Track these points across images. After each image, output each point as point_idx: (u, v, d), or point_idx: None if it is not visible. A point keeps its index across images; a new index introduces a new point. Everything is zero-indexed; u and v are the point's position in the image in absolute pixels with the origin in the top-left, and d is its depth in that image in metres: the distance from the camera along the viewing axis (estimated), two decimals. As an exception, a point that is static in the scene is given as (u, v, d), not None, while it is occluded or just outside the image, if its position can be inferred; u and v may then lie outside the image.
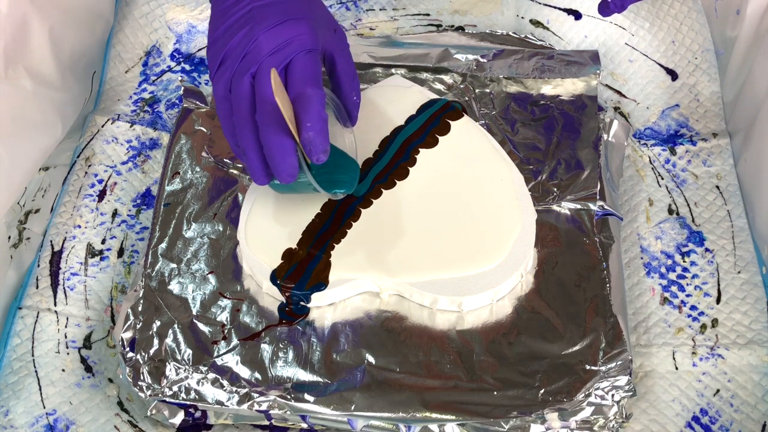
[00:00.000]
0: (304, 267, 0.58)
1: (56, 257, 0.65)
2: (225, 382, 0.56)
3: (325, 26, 0.57)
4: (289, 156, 0.50)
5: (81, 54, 0.71)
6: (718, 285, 0.63)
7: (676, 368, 0.60)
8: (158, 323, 0.58)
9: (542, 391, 0.55)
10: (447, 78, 0.70)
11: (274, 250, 0.59)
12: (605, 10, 0.62)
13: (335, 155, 0.58)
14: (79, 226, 0.67)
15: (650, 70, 0.74)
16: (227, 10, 0.55)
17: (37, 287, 0.63)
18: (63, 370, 0.60)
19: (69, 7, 0.69)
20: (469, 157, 0.63)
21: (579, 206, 0.63)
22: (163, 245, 0.62)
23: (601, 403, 0.55)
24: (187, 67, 0.76)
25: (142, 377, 0.56)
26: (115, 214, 0.68)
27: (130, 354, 0.57)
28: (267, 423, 0.58)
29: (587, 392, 0.55)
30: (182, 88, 0.70)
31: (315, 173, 0.54)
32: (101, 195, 0.68)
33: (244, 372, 0.56)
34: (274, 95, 0.48)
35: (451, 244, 0.59)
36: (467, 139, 0.65)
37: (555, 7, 0.77)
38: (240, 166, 0.65)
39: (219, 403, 0.56)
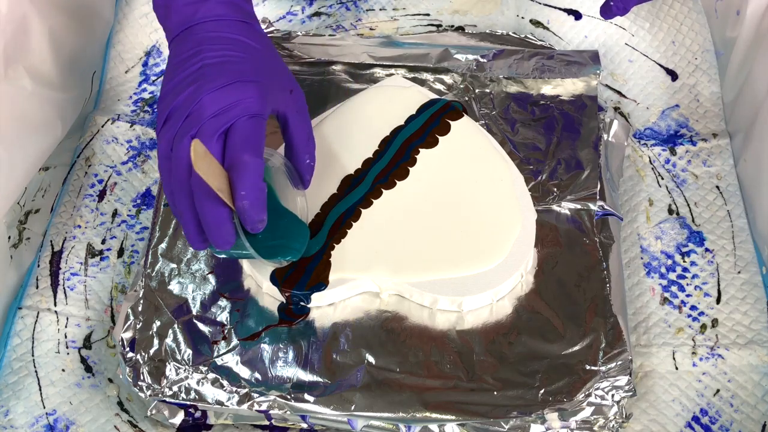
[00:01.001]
0: (304, 267, 0.58)
1: (56, 257, 0.65)
2: (225, 382, 0.56)
3: (279, 87, 0.55)
4: (224, 224, 0.49)
5: (81, 54, 0.71)
6: (718, 285, 0.63)
7: (676, 368, 0.60)
8: (158, 323, 0.58)
9: (542, 391, 0.55)
10: (447, 78, 0.70)
11: (274, 250, 0.59)
12: (608, 12, 0.62)
13: (284, 219, 0.56)
14: (79, 226, 0.67)
15: (650, 70, 0.74)
16: (181, 64, 0.53)
17: (37, 287, 0.63)
18: (63, 370, 0.60)
19: (69, 7, 0.69)
20: (469, 157, 0.63)
21: (579, 206, 0.63)
22: (163, 245, 0.62)
23: (601, 403, 0.55)
24: (187, 67, 0.76)
25: (142, 377, 0.56)
26: (115, 214, 0.68)
27: (130, 354, 0.57)
28: (267, 423, 0.58)
29: (587, 392, 0.55)
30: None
31: (261, 237, 0.53)
32: (101, 195, 0.69)
33: (244, 372, 0.56)
34: (194, 167, 0.46)
35: (451, 244, 0.59)
36: (467, 139, 0.64)
37: (555, 7, 0.77)
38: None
39: (219, 403, 0.56)
